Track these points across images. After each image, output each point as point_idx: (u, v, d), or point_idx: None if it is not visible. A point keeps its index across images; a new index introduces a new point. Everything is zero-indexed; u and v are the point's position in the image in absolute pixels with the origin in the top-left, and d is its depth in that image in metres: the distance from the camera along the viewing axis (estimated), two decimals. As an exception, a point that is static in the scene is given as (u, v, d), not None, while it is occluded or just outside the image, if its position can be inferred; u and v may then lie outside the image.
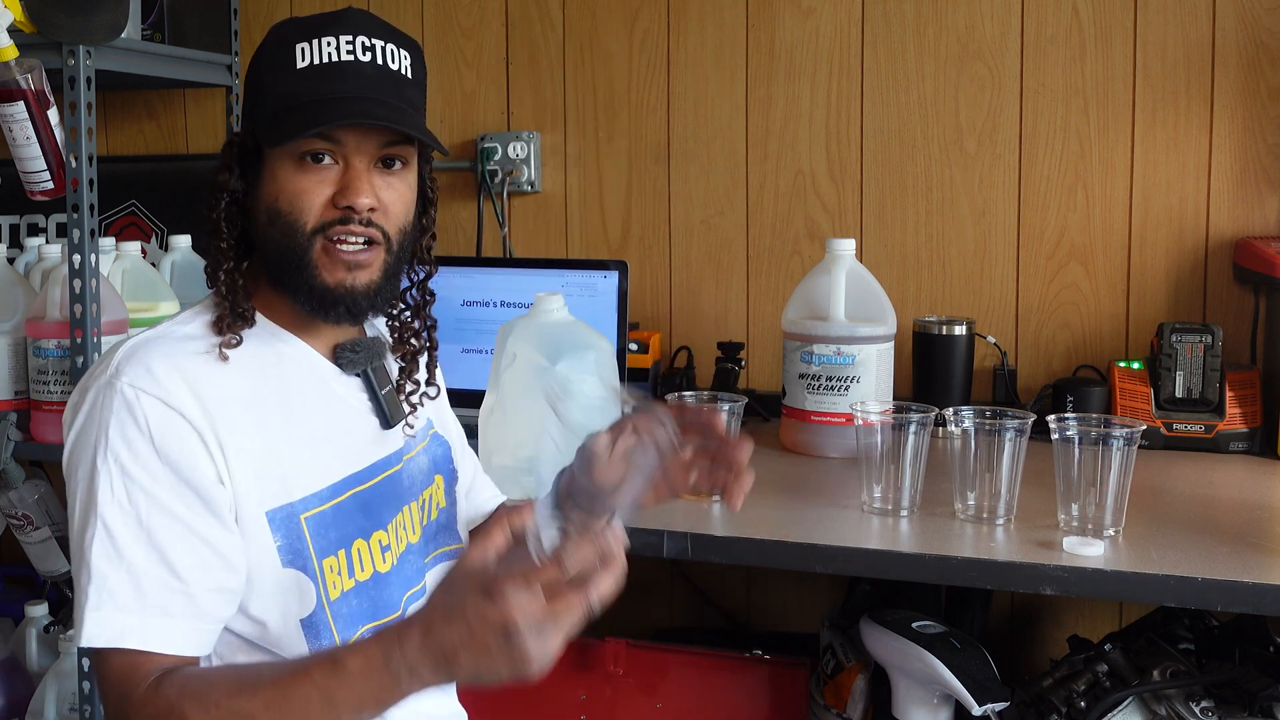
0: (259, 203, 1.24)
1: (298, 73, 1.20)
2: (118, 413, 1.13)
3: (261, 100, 1.23)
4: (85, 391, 1.17)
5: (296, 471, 1.22)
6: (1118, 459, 1.50)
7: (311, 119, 1.17)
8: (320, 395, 1.27)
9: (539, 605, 0.93)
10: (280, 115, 1.20)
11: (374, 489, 1.29)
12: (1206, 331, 2.00)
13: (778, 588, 2.40)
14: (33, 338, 1.98)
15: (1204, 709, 1.58)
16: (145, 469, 1.12)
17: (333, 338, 1.30)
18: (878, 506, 1.64)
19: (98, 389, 1.15)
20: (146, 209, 2.74)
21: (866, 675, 1.85)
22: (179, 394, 1.15)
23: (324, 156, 1.20)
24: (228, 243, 1.25)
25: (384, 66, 1.23)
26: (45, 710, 2.03)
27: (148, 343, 1.19)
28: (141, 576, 1.11)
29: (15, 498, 2.10)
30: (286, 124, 1.18)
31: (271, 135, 1.20)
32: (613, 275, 2.17)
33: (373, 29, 1.23)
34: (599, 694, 1.99)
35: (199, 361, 1.19)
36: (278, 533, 1.19)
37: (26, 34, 1.88)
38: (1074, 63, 2.21)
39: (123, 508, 1.11)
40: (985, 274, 2.29)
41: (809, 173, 2.37)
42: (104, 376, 1.16)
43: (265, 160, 1.23)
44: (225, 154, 1.26)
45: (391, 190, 1.23)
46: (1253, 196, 2.15)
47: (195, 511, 1.14)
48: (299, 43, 1.21)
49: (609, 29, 2.46)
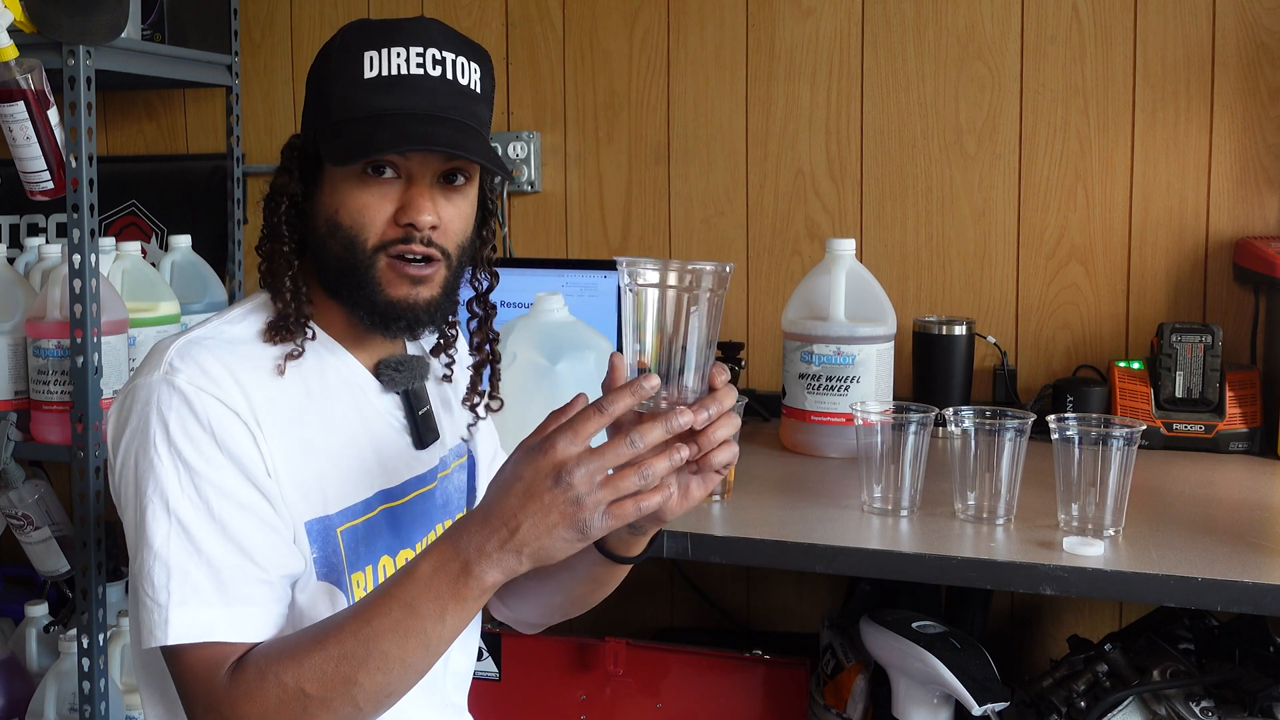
0: (318, 211, 1.22)
1: (365, 83, 1.18)
2: (178, 409, 1.11)
3: (325, 107, 1.20)
4: (135, 390, 1.14)
5: (335, 483, 1.21)
6: (1118, 459, 1.50)
7: (372, 140, 1.15)
8: (359, 408, 1.26)
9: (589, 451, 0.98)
10: (343, 128, 1.18)
11: (405, 506, 1.28)
12: (1206, 331, 2.00)
13: (778, 588, 2.40)
14: (33, 338, 1.98)
15: (1204, 709, 1.58)
16: (209, 462, 1.11)
17: (378, 352, 1.29)
18: (878, 506, 1.64)
19: (152, 386, 1.13)
20: (146, 209, 2.74)
21: (866, 675, 1.85)
22: (234, 394, 1.14)
23: (386, 170, 1.18)
24: (290, 246, 1.22)
25: (454, 81, 1.20)
26: (45, 710, 2.02)
27: (199, 342, 1.16)
28: (222, 569, 1.09)
29: (15, 498, 2.10)
30: (348, 141, 1.16)
31: (333, 152, 1.17)
32: (613, 275, 2.17)
33: (445, 40, 1.20)
34: (599, 694, 1.99)
35: (250, 367, 1.17)
36: (314, 544, 1.18)
37: (26, 34, 1.88)
38: (1074, 63, 2.22)
39: (193, 502, 1.10)
40: (985, 274, 2.29)
41: (809, 173, 2.37)
42: (156, 373, 1.13)
43: (325, 167, 1.21)
44: (286, 156, 1.24)
45: (452, 207, 1.21)
46: (1253, 196, 2.15)
47: (260, 501, 1.13)
48: (368, 51, 1.18)
49: (609, 29, 2.46)
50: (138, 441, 1.12)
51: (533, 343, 1.62)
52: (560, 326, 1.64)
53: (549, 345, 1.61)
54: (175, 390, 1.12)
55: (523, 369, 1.63)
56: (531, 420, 1.66)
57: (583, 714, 2.01)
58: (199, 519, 1.10)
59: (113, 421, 1.16)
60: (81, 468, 1.94)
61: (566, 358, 1.61)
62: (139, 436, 1.12)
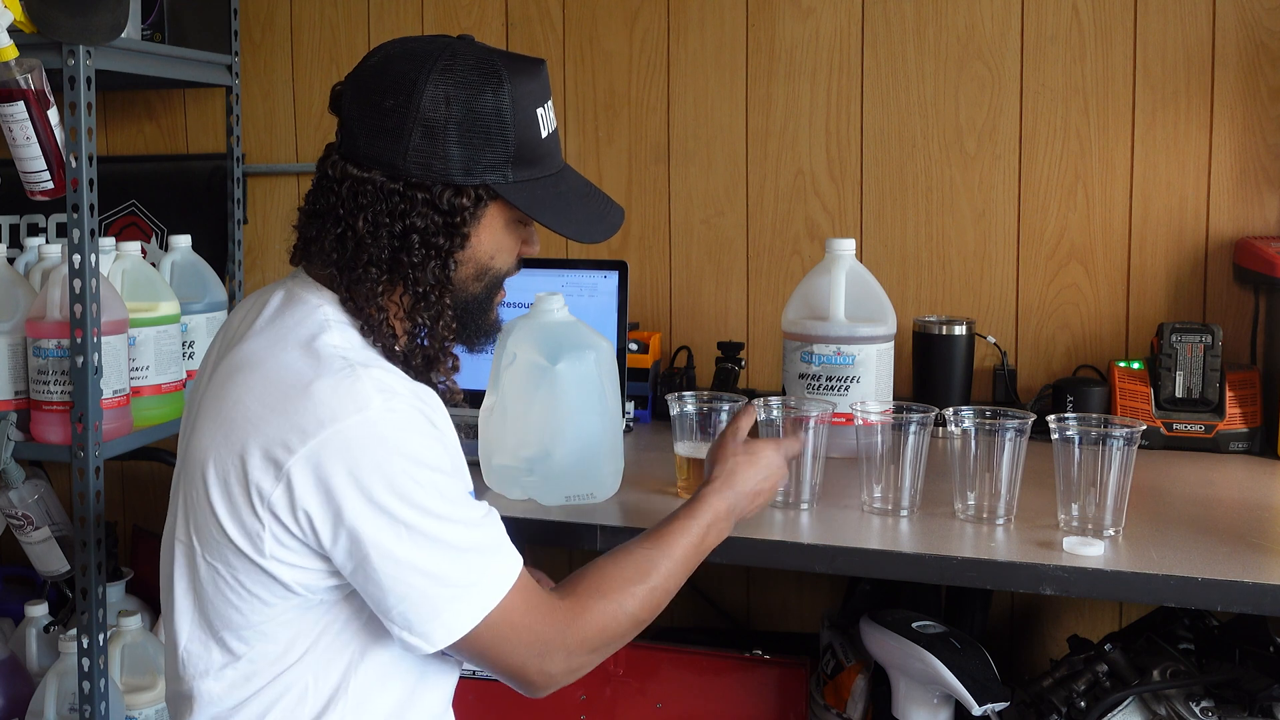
0: (468, 253, 1.29)
1: (543, 142, 1.28)
2: (414, 423, 1.20)
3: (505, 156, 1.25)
4: (339, 418, 1.17)
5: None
6: (1118, 459, 1.50)
7: (604, 220, 1.35)
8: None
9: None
10: (566, 199, 1.31)
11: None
12: (1206, 331, 2.00)
13: (778, 588, 2.40)
14: (33, 338, 1.98)
15: (1204, 709, 1.58)
16: (450, 458, 1.24)
17: None
18: (878, 506, 1.64)
19: (375, 412, 1.17)
20: (146, 209, 2.74)
21: (866, 675, 1.85)
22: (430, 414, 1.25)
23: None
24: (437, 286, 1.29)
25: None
26: (45, 710, 2.02)
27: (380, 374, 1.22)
28: (483, 537, 1.23)
29: (15, 498, 2.10)
30: (579, 214, 1.31)
31: (573, 226, 1.30)
32: (613, 275, 2.17)
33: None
34: (599, 694, 1.99)
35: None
36: None
37: (26, 34, 1.88)
38: (1074, 63, 2.22)
39: (426, 504, 1.19)
40: (985, 274, 2.29)
41: (809, 173, 2.37)
42: (372, 406, 1.17)
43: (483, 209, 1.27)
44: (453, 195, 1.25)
45: None
46: (1253, 196, 2.15)
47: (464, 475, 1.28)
48: (538, 107, 1.27)
49: (609, 29, 2.46)
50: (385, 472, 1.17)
51: (533, 342, 1.62)
52: (560, 326, 1.64)
53: (549, 345, 1.61)
54: (409, 407, 1.20)
55: (523, 369, 1.62)
56: (532, 419, 1.66)
57: (583, 714, 2.01)
58: (454, 529, 1.21)
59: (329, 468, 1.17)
60: (81, 468, 1.94)
61: (566, 358, 1.60)
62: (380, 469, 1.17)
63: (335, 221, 1.25)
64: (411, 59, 1.24)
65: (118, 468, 2.79)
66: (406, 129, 1.22)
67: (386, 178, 1.23)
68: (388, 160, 1.23)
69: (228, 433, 1.19)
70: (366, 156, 1.24)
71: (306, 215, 1.30)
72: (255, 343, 1.25)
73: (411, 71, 1.22)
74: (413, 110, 1.21)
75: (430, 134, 1.22)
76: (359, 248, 1.24)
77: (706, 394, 1.75)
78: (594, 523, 1.61)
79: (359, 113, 1.25)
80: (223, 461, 1.19)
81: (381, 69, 1.25)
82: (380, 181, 1.23)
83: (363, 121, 1.24)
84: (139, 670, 2.12)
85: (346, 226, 1.24)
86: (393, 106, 1.22)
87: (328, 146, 1.30)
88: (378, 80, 1.24)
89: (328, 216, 1.26)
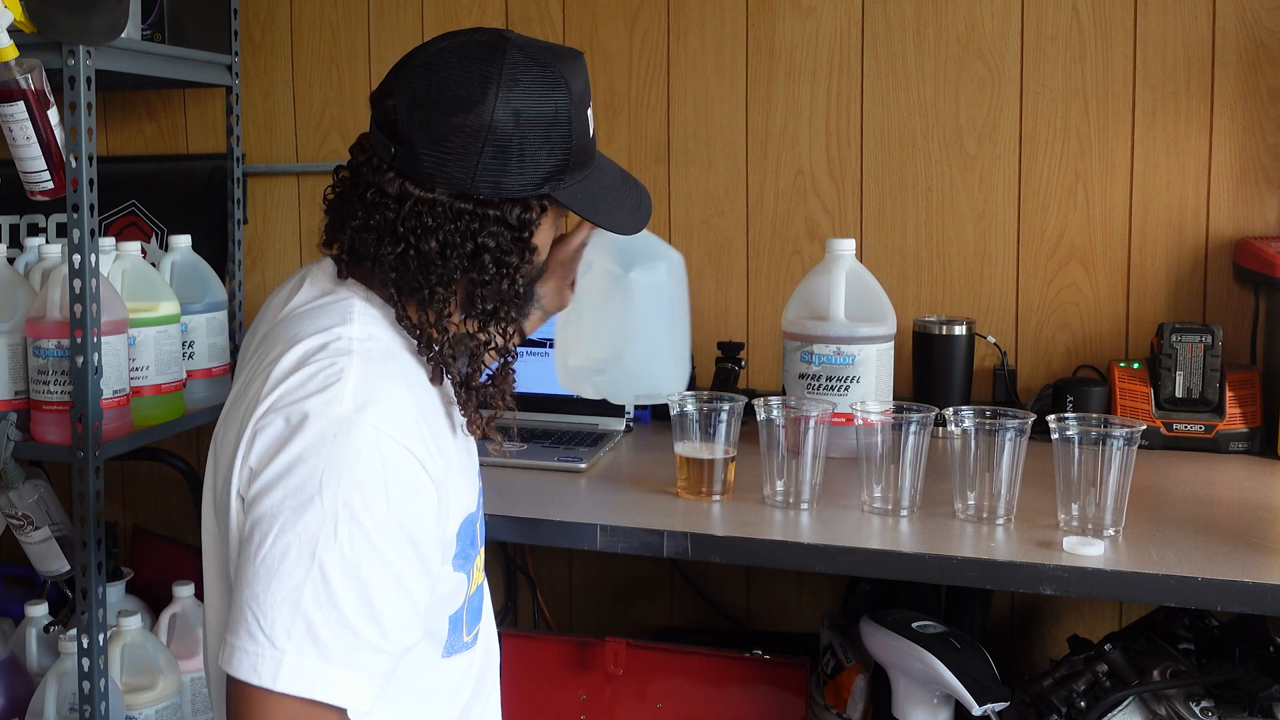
0: (531, 263, 1.24)
1: (591, 141, 1.26)
2: (359, 455, 1.06)
3: (565, 162, 1.21)
4: (308, 416, 1.08)
5: (468, 480, 1.27)
6: (1118, 459, 1.50)
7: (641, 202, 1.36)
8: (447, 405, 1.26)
9: None
10: (618, 196, 1.31)
11: (479, 511, 1.33)
12: (1206, 331, 2.00)
13: (778, 588, 2.40)
14: (33, 338, 1.98)
15: (1204, 709, 1.58)
16: (374, 518, 1.06)
17: None
18: (878, 506, 1.64)
19: (333, 421, 1.07)
20: (146, 209, 2.74)
21: (866, 675, 1.85)
22: (419, 436, 1.12)
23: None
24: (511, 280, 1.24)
25: None
26: (45, 710, 2.02)
27: (381, 375, 1.13)
28: (355, 632, 1.05)
29: (15, 498, 2.10)
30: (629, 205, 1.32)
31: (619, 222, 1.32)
32: (613, 275, 2.17)
33: None
34: (599, 694, 1.99)
35: (418, 388, 1.18)
36: (460, 540, 1.22)
37: (26, 34, 1.88)
38: (1074, 63, 2.22)
39: (344, 556, 1.05)
40: (985, 274, 2.29)
41: (809, 173, 2.37)
42: (339, 408, 1.08)
43: (544, 217, 1.23)
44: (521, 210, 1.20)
45: None
46: (1253, 196, 2.15)
47: (410, 567, 1.10)
48: (588, 108, 1.25)
49: (609, 29, 2.46)
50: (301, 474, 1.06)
51: (608, 251, 1.64)
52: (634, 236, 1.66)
53: (623, 254, 1.63)
54: (360, 434, 1.07)
55: (598, 276, 1.64)
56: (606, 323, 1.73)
57: (583, 714, 2.01)
58: (344, 575, 1.05)
59: (275, 444, 1.08)
60: (81, 468, 1.94)
61: (640, 266, 1.63)
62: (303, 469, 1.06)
63: (395, 240, 1.17)
64: (472, 66, 1.17)
65: (118, 468, 2.79)
66: (476, 148, 1.16)
67: (453, 197, 1.17)
68: (456, 179, 1.17)
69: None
70: (430, 175, 1.17)
71: (358, 231, 1.20)
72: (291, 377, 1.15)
73: (478, 86, 1.16)
74: (484, 130, 1.15)
75: (502, 152, 1.16)
76: (426, 267, 1.17)
77: (706, 394, 1.75)
78: (594, 522, 1.61)
79: (421, 130, 1.17)
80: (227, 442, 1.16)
81: (438, 79, 1.17)
82: (448, 201, 1.17)
83: (426, 138, 1.17)
84: (139, 670, 2.12)
85: (409, 245, 1.17)
86: (460, 124, 1.15)
87: (357, 147, 1.23)
88: (437, 93, 1.17)
89: (385, 233, 1.18)
